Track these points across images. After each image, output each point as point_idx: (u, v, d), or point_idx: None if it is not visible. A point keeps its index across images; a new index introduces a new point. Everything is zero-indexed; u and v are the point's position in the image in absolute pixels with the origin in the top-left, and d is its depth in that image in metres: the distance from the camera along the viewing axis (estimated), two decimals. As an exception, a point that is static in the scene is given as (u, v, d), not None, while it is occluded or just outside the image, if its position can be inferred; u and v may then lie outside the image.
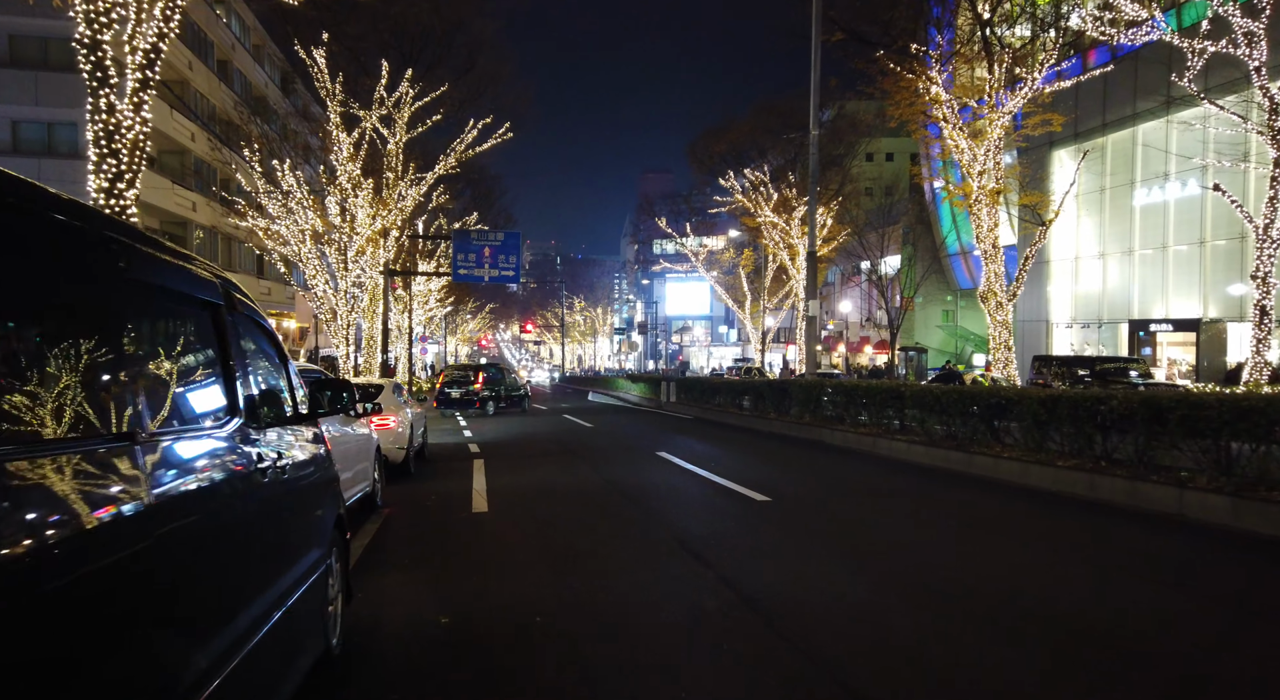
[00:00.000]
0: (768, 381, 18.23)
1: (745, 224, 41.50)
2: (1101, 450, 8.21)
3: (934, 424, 11.19)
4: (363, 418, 7.92)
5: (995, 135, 22.51)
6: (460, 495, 8.95)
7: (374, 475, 7.96)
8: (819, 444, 13.99)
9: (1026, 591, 4.83)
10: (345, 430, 6.91)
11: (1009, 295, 23.27)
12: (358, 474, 7.25)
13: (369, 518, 7.63)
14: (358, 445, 7.35)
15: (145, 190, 27.70)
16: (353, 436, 7.15)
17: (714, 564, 5.56)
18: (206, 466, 2.16)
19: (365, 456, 7.66)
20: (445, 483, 10.17)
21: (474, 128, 27.14)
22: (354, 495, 7.11)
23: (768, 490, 8.68)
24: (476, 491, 9.16)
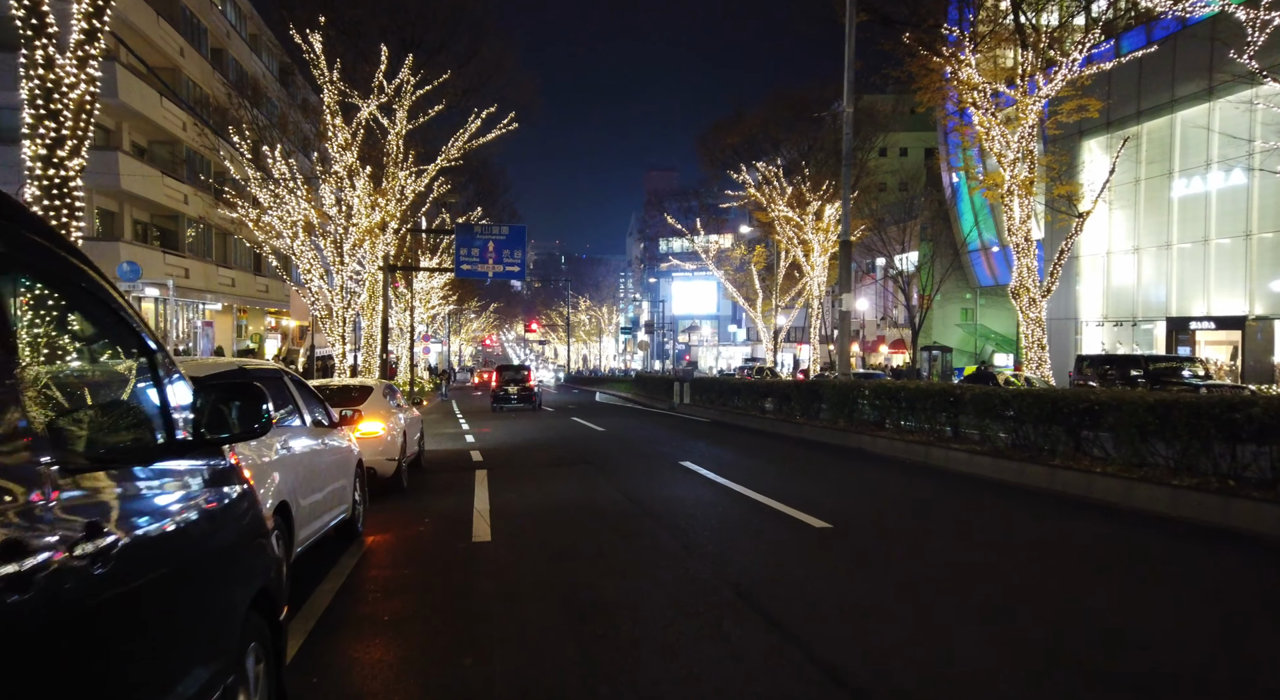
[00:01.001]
0: (795, 382, 16.85)
1: (758, 219, 40.13)
2: (1229, 467, 6.81)
3: (998, 432, 9.79)
4: (342, 426, 6.55)
5: (1030, 121, 21.16)
6: (458, 517, 7.59)
7: (354, 496, 6.59)
8: (859, 452, 12.60)
9: (1242, 677, 3.44)
10: (314, 444, 5.54)
11: (1042, 291, 21.95)
12: (332, 496, 5.89)
13: (346, 549, 6.27)
14: (333, 462, 5.99)
15: (134, 181, 26.59)
16: (325, 451, 5.79)
17: (790, 625, 4.18)
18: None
19: (343, 473, 6.30)
20: (442, 500, 8.80)
21: (477, 117, 25.82)
22: (325, 524, 5.75)
23: (822, 512, 7.29)
24: (478, 512, 7.79)
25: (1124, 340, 30.36)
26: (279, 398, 5.20)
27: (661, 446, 14.33)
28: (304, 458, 5.19)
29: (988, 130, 21.48)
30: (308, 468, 5.23)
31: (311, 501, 5.21)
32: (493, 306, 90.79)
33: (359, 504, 6.83)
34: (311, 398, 6.07)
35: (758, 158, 37.22)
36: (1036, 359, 21.90)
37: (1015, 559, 5.84)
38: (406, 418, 10.39)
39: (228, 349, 34.49)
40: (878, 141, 40.65)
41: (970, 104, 21.58)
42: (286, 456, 4.78)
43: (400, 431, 9.45)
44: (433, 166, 26.20)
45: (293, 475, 4.83)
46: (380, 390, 9.73)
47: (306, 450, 5.29)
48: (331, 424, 6.33)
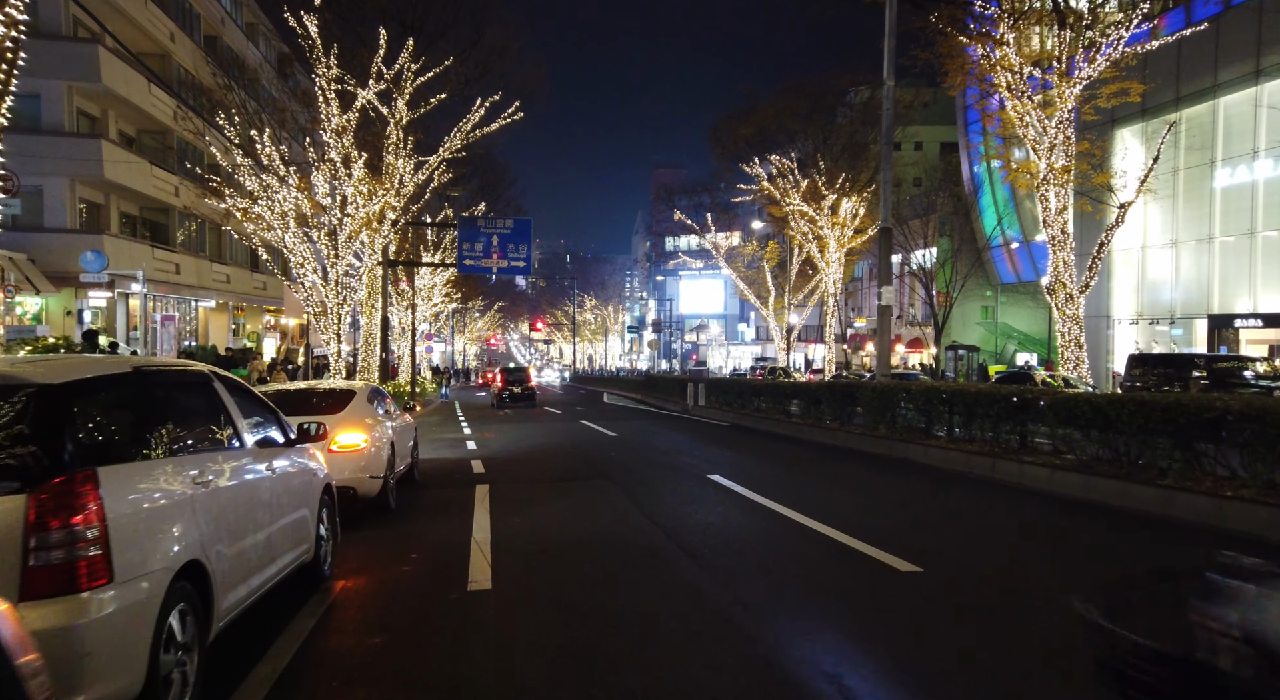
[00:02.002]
0: (826, 384, 15.45)
1: (771, 214, 38.72)
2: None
3: (1089, 444, 8.37)
4: (306, 443, 5.17)
5: (1069, 105, 19.75)
6: (453, 551, 6.20)
7: (318, 530, 5.21)
8: (908, 464, 11.18)
9: None
10: (255, 471, 4.16)
11: (1080, 286, 20.58)
12: (284, 536, 4.52)
13: (306, 601, 4.89)
14: (286, 490, 4.61)
15: (120, 170, 25.25)
16: (273, 479, 4.40)
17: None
18: None
19: (302, 502, 4.93)
20: (435, 525, 7.42)
21: (481, 106, 24.46)
22: (273, 575, 4.36)
23: (901, 548, 5.89)
24: (476, 544, 6.41)
25: (1160, 339, 28.87)
26: (194, 410, 3.82)
27: (683, 456, 12.93)
28: (235, 492, 3.80)
29: (1021, 116, 20.12)
30: (242, 504, 3.85)
31: (247, 549, 3.83)
32: (497, 305, 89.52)
33: (327, 539, 5.45)
34: (258, 408, 4.70)
35: (771, 150, 35.81)
36: (1074, 359, 20.56)
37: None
38: (396, 426, 9.01)
39: (222, 346, 33.22)
40: (895, 135, 39.17)
41: (1004, 88, 20.18)
42: (202, 494, 3.39)
43: (387, 443, 8.07)
44: (435, 157, 24.87)
45: (213, 518, 3.45)
46: (364, 395, 8.35)
47: (241, 481, 3.90)
48: (288, 441, 4.94)
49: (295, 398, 8.10)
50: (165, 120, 27.16)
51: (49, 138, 22.67)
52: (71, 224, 23.56)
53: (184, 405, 3.82)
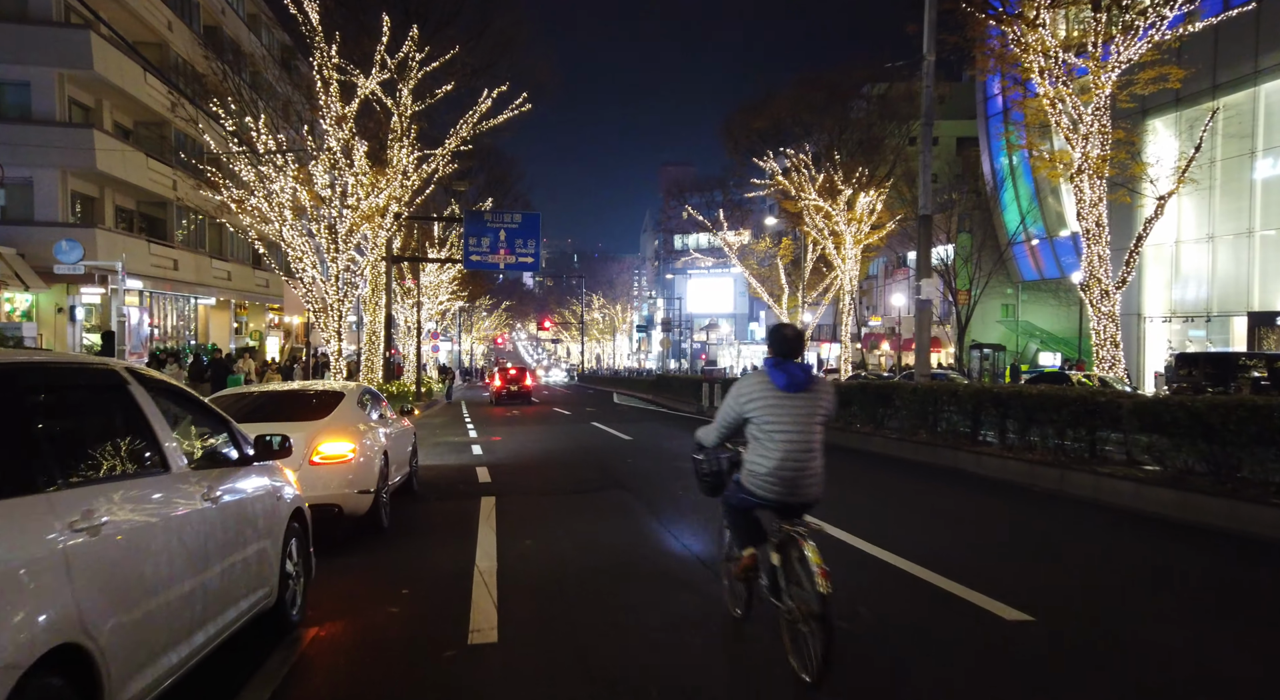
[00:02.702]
0: (859, 385, 14.40)
1: (785, 209, 37.71)
2: None
3: (1181, 454, 7.30)
4: (271, 459, 4.16)
5: (1105, 91, 18.67)
6: (452, 585, 5.19)
7: (283, 567, 4.21)
8: (959, 474, 10.13)
9: None
10: (191, 499, 3.15)
11: (1117, 282, 19.53)
12: (237, 575, 3.53)
13: (265, 660, 3.88)
14: (238, 519, 3.61)
15: (113, 162, 24.26)
16: (218, 508, 3.40)
17: None
18: None
19: (263, 532, 3.93)
20: (432, 549, 6.42)
21: (488, 97, 23.52)
22: (217, 635, 3.35)
23: (993, 586, 4.85)
24: (480, 576, 5.40)
25: (1195, 337, 27.68)
26: (95, 424, 2.82)
27: (706, 462, 11.90)
28: (144, 535, 2.79)
29: (1055, 102, 19.08)
30: (156, 550, 2.84)
31: (163, 611, 2.82)
32: (504, 305, 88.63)
33: (296, 577, 4.44)
34: (201, 418, 3.70)
35: (786, 144, 34.74)
36: (1110, 358, 19.53)
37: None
38: (392, 432, 8.02)
39: (224, 346, 32.35)
40: (915, 128, 38.01)
41: (1036, 73, 19.14)
42: (85, 546, 2.39)
43: (379, 452, 7.07)
44: (440, 150, 23.95)
45: (103, 577, 2.45)
46: (353, 398, 7.35)
47: (158, 518, 2.90)
48: (243, 458, 3.94)
49: (274, 402, 7.12)
50: (162, 112, 26.25)
51: (39, 127, 21.79)
52: (63, 217, 22.66)
53: (79, 417, 2.83)
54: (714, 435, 3.97)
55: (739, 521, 4.00)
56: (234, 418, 6.91)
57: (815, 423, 3.74)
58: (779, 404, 3.68)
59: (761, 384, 3.73)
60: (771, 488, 3.68)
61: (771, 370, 3.74)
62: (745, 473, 3.80)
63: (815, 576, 3.32)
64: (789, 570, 3.64)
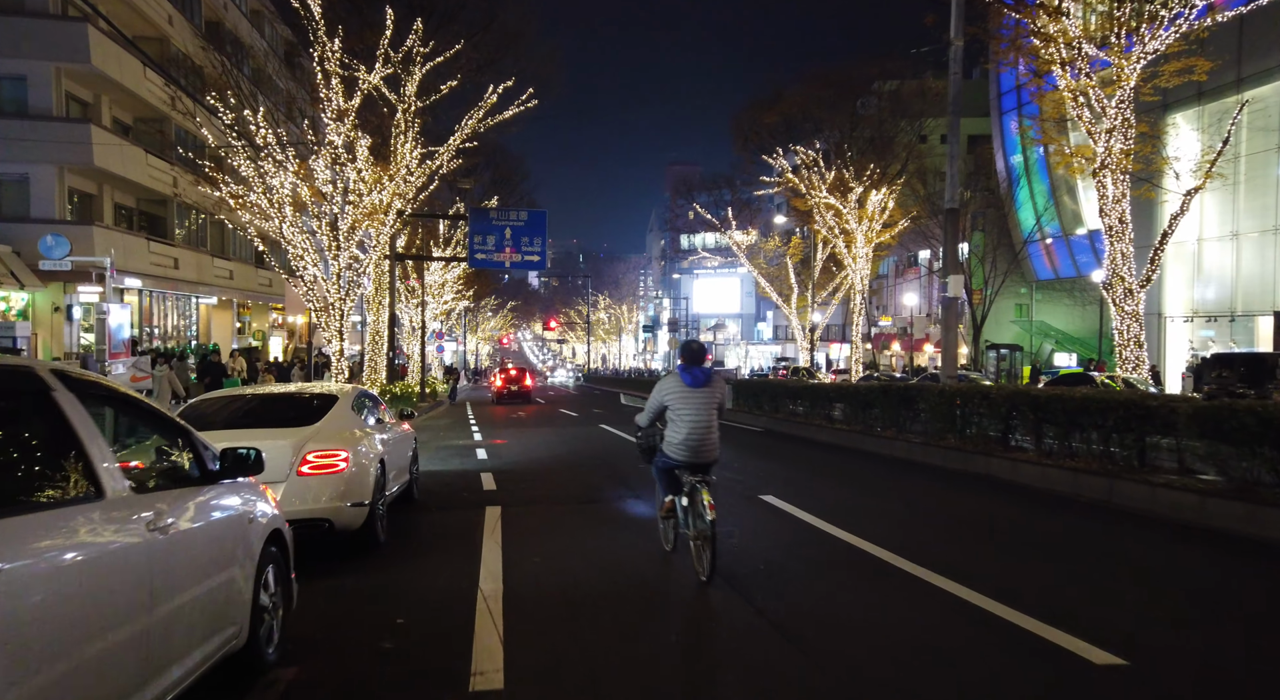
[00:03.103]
0: (880, 387, 13.80)
1: (795, 208, 37.11)
2: None
3: (1251, 464, 6.70)
4: (240, 474, 3.59)
5: (1129, 83, 18.07)
6: (452, 614, 4.62)
7: (256, 599, 3.63)
8: (994, 482, 9.52)
9: None
10: (126, 530, 2.59)
11: (1141, 280, 18.96)
12: (193, 616, 2.98)
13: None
14: (197, 547, 3.06)
15: (111, 158, 23.72)
16: (167, 540, 2.83)
17: None
18: None
19: (230, 560, 3.37)
20: (432, 568, 5.84)
21: (494, 93, 23.00)
22: (165, 693, 2.77)
23: (1069, 618, 4.26)
24: (484, 601, 4.83)
25: (1218, 337, 26.98)
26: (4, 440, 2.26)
27: (722, 469, 11.30)
28: (65, 578, 2.23)
29: (1077, 95, 18.48)
30: (79, 596, 2.28)
31: (90, 667, 2.27)
32: (510, 305, 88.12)
33: (274, 608, 3.87)
34: (153, 429, 3.13)
35: (796, 140, 34.18)
36: (1134, 358, 18.97)
37: None
38: (390, 438, 7.46)
39: (225, 346, 31.89)
40: (928, 125, 37.40)
41: (1057, 65, 18.54)
42: None
43: (376, 461, 6.50)
44: (445, 147, 23.45)
45: (8, 635, 1.88)
46: (347, 401, 6.78)
47: (85, 556, 2.33)
48: (205, 476, 3.37)
49: (261, 406, 6.56)
50: (163, 107, 25.73)
51: (35, 122, 21.31)
52: (60, 214, 22.18)
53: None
54: (645, 418, 5.69)
55: (663, 477, 5.65)
56: (217, 424, 6.37)
57: (712, 408, 5.32)
58: (687, 396, 5.28)
59: (675, 382, 5.35)
60: (683, 453, 5.30)
61: (682, 373, 5.33)
62: (665, 443, 5.43)
63: (706, 510, 4.98)
64: (693, 508, 5.24)
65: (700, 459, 5.29)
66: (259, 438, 5.88)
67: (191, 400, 6.73)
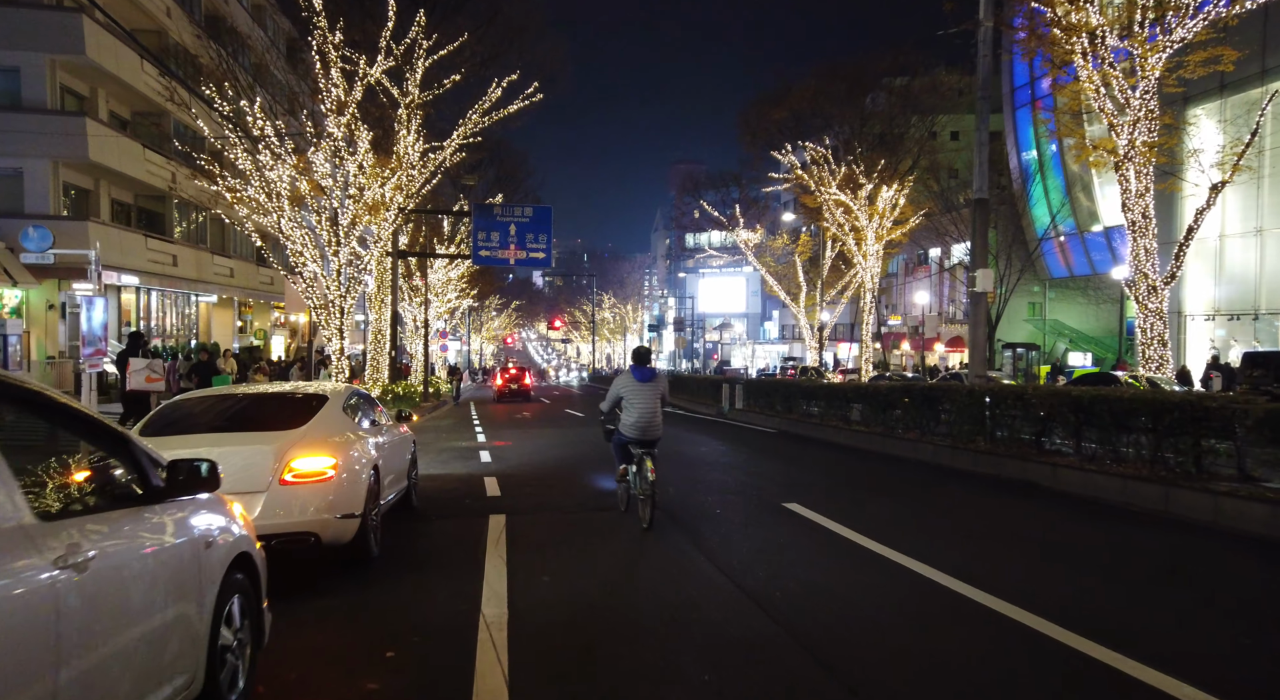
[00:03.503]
0: (902, 387, 13.19)
1: (804, 205, 36.47)
2: None
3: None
4: (192, 493, 3.01)
5: (1154, 73, 17.44)
6: (450, 646, 4.03)
7: (213, 639, 3.05)
8: (1034, 489, 8.91)
9: None
10: (32, 567, 2.00)
11: (1165, 277, 18.34)
12: (136, 659, 2.41)
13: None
14: (131, 582, 2.47)
15: (108, 152, 23.06)
16: (88, 578, 2.25)
17: None
18: None
19: (181, 594, 2.80)
20: (429, 588, 5.25)
21: (498, 87, 22.47)
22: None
23: (1166, 656, 3.66)
24: (487, 629, 4.24)
25: (1240, 336, 26.30)
26: None
27: (741, 474, 10.74)
28: None
29: (1098, 87, 17.86)
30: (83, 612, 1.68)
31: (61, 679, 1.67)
32: (514, 304, 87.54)
33: (239, 648, 3.29)
34: (82, 435, 2.56)
35: (805, 136, 33.54)
36: (1157, 357, 18.34)
37: None
38: (386, 441, 6.88)
39: (226, 344, 31.40)
40: (939, 121, 36.69)
41: (1079, 55, 17.92)
42: None
43: (369, 467, 5.92)
44: (449, 142, 22.91)
45: None
46: (338, 402, 6.20)
47: None
48: (150, 495, 2.79)
49: (242, 408, 5.98)
50: (161, 102, 25.22)
51: (29, 115, 20.79)
52: (55, 210, 21.66)
53: None
54: (607, 406, 7.33)
55: (619, 451, 7.32)
56: (193, 427, 5.79)
57: (655, 398, 6.95)
58: (637, 389, 6.91)
59: (628, 379, 7.03)
60: (634, 432, 6.93)
61: (633, 371, 7.02)
62: (621, 425, 7.07)
63: (649, 475, 6.68)
64: (640, 473, 6.84)
65: (647, 437, 7.01)
66: (237, 443, 5.31)
67: (167, 402, 6.16)
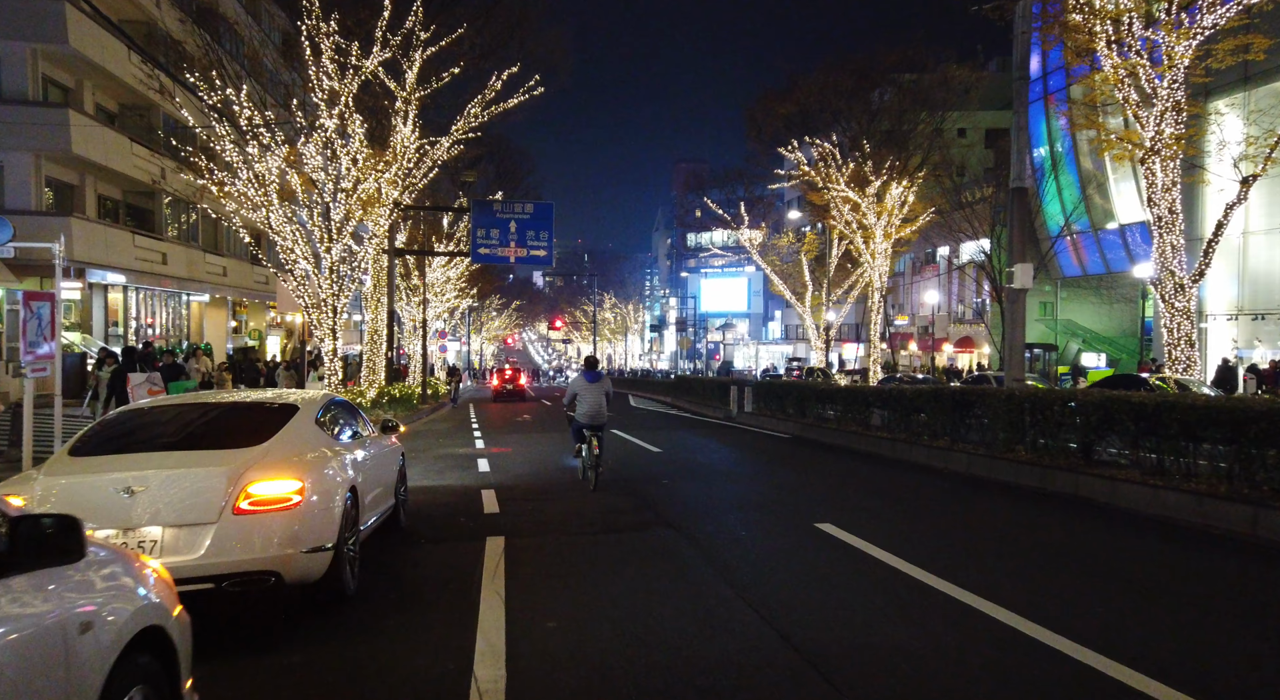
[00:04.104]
0: (930, 391, 12.33)
1: (811, 202, 35.66)
2: None
3: None
4: (36, 565, 2.15)
5: (1183, 61, 16.64)
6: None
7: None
8: (1089, 506, 8.05)
9: None
10: None
11: (1193, 275, 17.54)
12: None
13: None
14: None
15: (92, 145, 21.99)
16: None
17: None
18: None
19: None
20: (411, 636, 4.39)
21: (499, 80, 21.66)
22: None
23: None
24: (481, 696, 3.41)
25: (1264, 336, 25.45)
26: None
27: (761, 485, 9.88)
28: None
29: (1124, 78, 17.05)
30: None
31: None
32: (514, 304, 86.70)
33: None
34: None
35: (813, 132, 32.69)
36: (1184, 358, 17.54)
37: None
38: (367, 457, 6.03)
39: (219, 345, 30.58)
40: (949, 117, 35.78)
41: (1104, 44, 17.10)
42: None
43: (344, 489, 5.06)
44: (448, 138, 22.10)
45: None
46: (309, 414, 5.34)
47: None
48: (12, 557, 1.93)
49: (194, 421, 5.11)
50: (150, 95, 24.38)
51: (9, 106, 19.91)
52: (36, 205, 20.82)
53: None
54: (567, 400, 9.77)
55: (576, 433, 9.70)
56: (135, 445, 4.91)
57: (601, 394, 9.46)
58: (587, 388, 9.46)
59: (581, 380, 9.62)
60: (585, 419, 9.39)
61: (584, 374, 9.65)
62: (576, 413, 9.51)
63: (594, 450, 9.26)
64: (589, 449, 9.33)
65: (595, 422, 9.45)
66: (184, 464, 4.46)
67: (112, 413, 5.31)
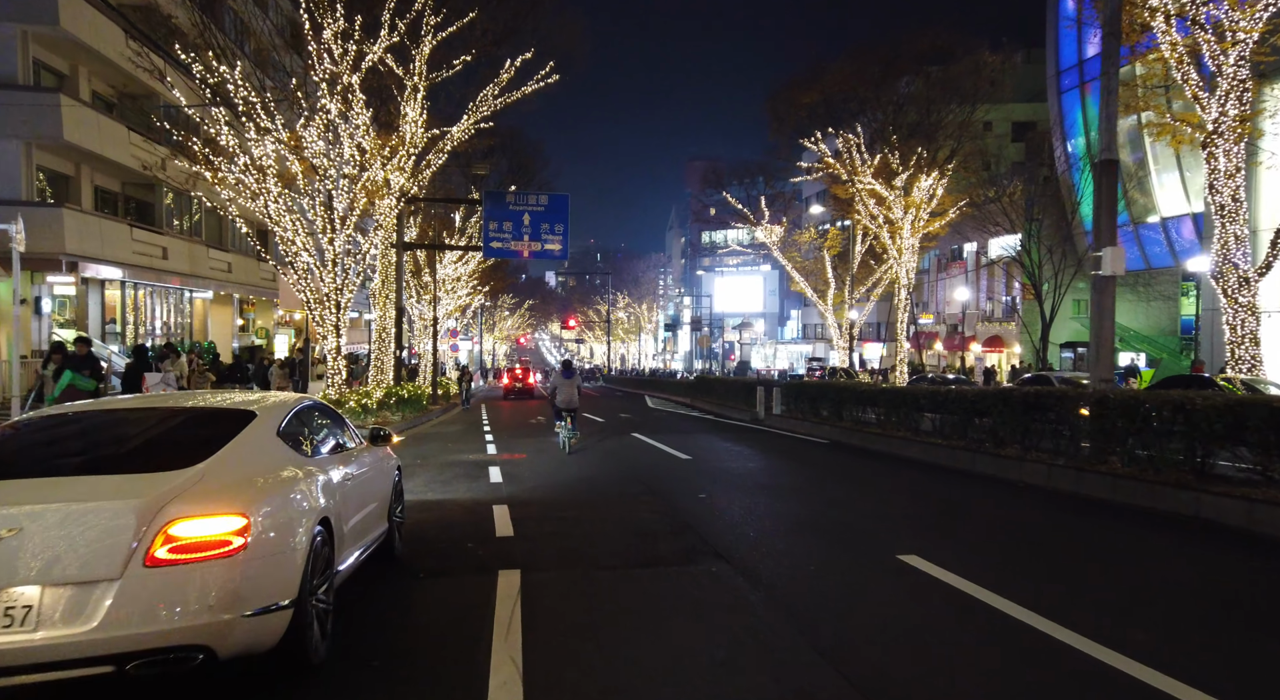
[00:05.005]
0: (999, 393, 11.00)
1: (834, 196, 34.28)
2: None
3: None
4: None
5: (1252, 35, 15.35)
6: None
7: None
8: (1226, 532, 6.73)
9: None
10: None
11: (1260, 267, 16.27)
12: None
13: None
14: None
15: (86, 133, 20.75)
16: None
17: None
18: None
19: None
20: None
21: (512, 67, 20.56)
22: None
23: None
24: None
25: None
26: None
27: (812, 502, 8.58)
28: None
29: (1183, 56, 15.76)
30: None
31: None
32: (527, 304, 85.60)
33: None
34: None
35: (837, 123, 31.34)
36: (1249, 357, 16.21)
37: None
38: (350, 476, 4.79)
39: (225, 344, 29.58)
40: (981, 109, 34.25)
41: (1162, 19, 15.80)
42: None
43: (311, 522, 3.82)
44: (458, 128, 20.96)
45: None
46: (269, 423, 4.11)
47: None
48: None
49: (108, 434, 3.88)
50: (151, 82, 23.35)
51: (8, 91, 18.94)
52: (27, 195, 19.79)
53: None
54: (549, 390, 14.90)
55: (555, 414, 13.96)
56: (23, 467, 3.65)
57: (574, 387, 13.78)
58: (563, 382, 13.81)
59: (559, 376, 14.07)
60: (562, 404, 13.62)
61: (562, 373, 14.07)
62: (556, 400, 13.80)
63: (570, 425, 13.58)
64: (564, 427, 13.61)
65: (569, 406, 13.43)
66: (79, 496, 3.22)
67: (5, 424, 4.10)
